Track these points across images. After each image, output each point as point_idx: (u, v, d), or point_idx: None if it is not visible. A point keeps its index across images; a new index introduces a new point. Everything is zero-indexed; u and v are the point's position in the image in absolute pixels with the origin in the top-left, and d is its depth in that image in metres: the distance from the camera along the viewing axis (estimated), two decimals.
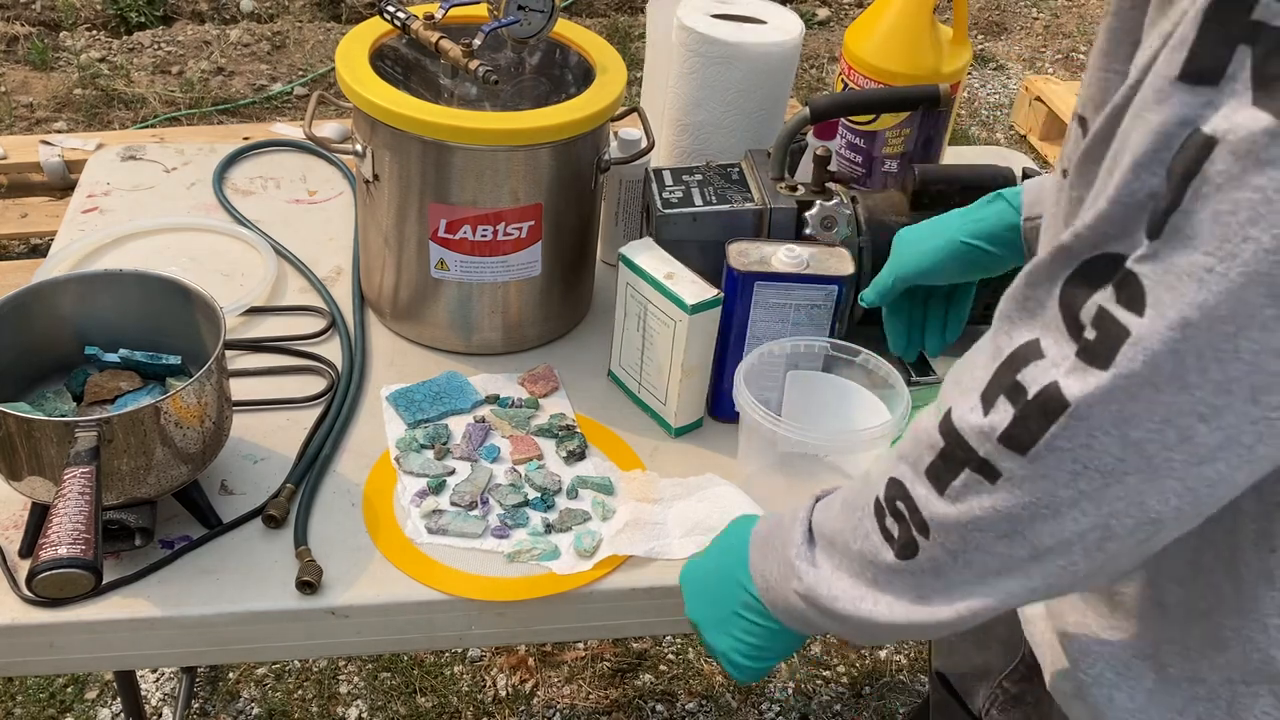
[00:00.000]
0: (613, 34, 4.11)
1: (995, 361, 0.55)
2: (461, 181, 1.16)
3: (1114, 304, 0.48)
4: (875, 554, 0.64)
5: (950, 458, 0.57)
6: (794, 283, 1.11)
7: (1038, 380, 0.52)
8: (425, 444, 1.14)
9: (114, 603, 0.96)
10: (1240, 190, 0.43)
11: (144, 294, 1.08)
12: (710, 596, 0.84)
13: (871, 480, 0.65)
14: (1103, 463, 0.51)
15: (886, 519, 0.62)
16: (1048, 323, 0.52)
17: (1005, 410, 0.54)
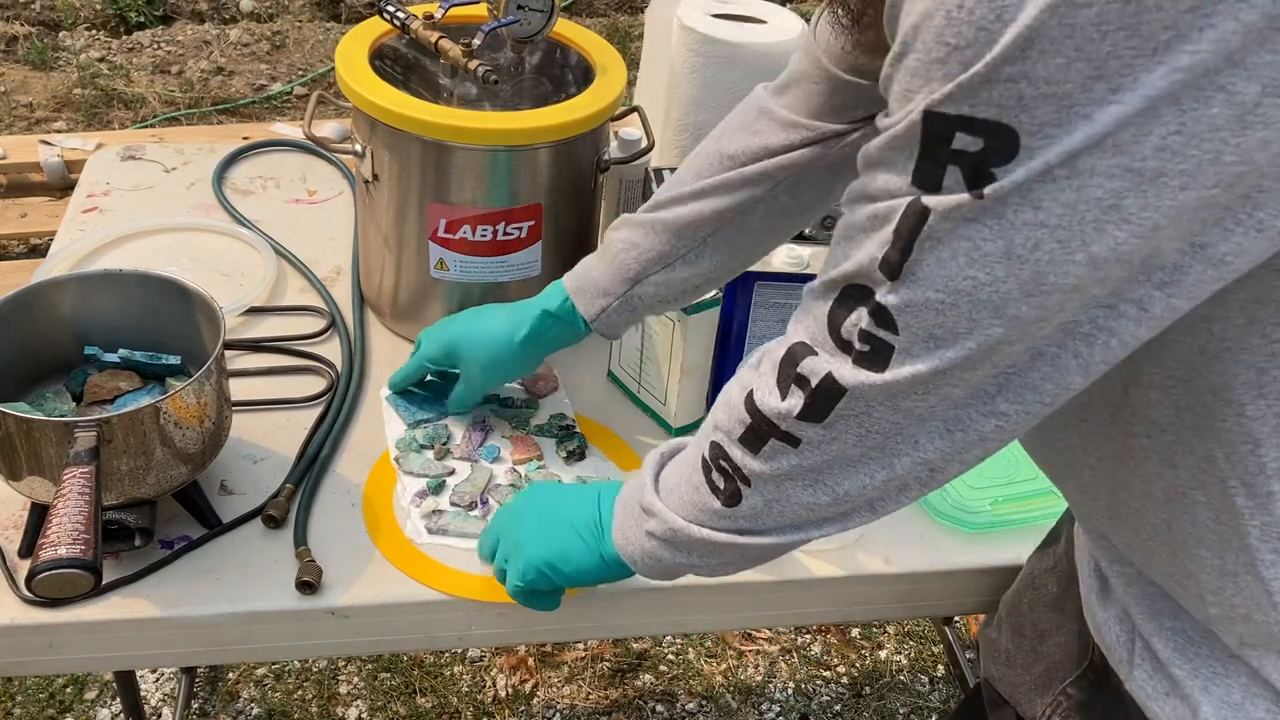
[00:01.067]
0: (613, 34, 4.11)
1: (779, 353, 0.69)
2: (461, 181, 1.16)
3: (875, 326, 0.61)
4: (705, 502, 0.76)
5: (758, 431, 0.70)
6: (794, 283, 1.11)
7: (817, 371, 0.65)
8: (425, 444, 1.14)
9: (114, 603, 0.96)
10: (955, 242, 0.56)
11: (144, 294, 1.08)
12: (535, 524, 0.92)
13: (699, 441, 0.78)
14: (881, 426, 0.65)
15: (712, 473, 0.75)
16: (815, 334, 0.66)
17: (798, 395, 0.67)
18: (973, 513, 1.09)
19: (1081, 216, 0.52)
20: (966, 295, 0.57)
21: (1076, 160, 0.51)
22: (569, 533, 0.90)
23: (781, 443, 0.69)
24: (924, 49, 0.54)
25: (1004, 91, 0.51)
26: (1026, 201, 0.53)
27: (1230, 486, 0.64)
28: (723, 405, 0.74)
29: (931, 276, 0.58)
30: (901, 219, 0.58)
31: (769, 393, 0.69)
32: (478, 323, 1.13)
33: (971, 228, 0.55)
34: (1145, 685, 0.75)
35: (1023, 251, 0.54)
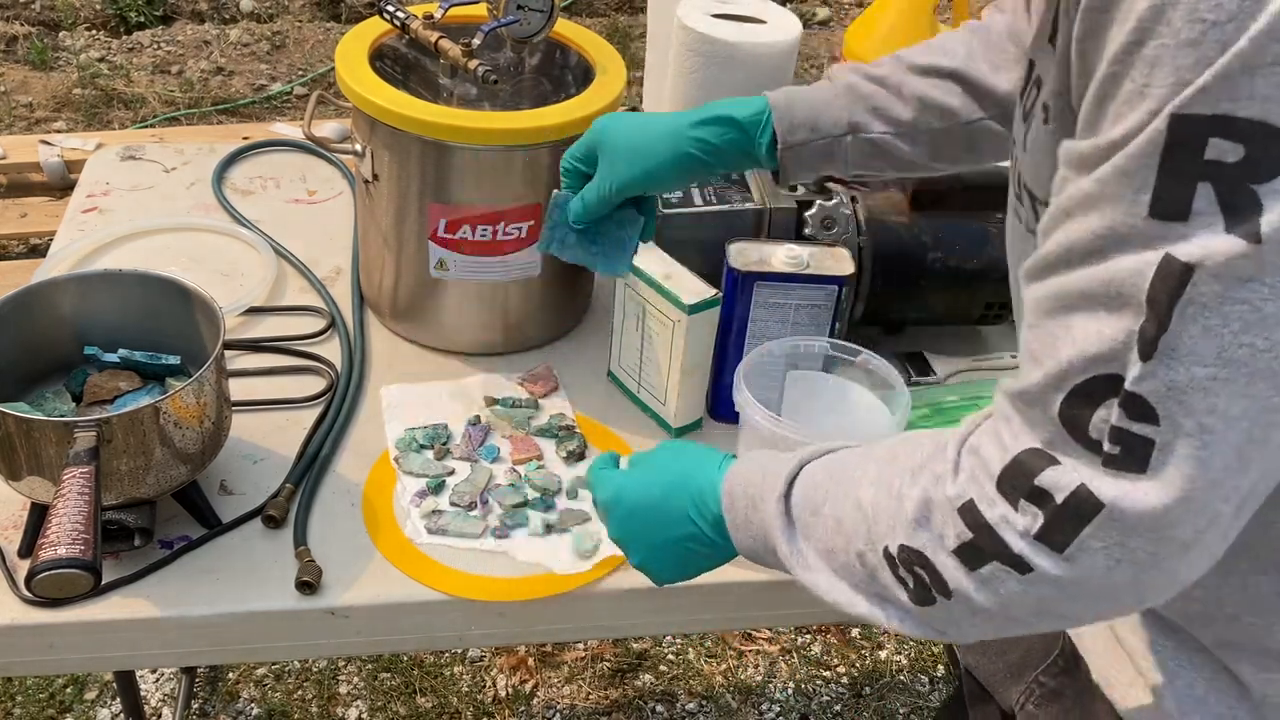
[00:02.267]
0: (613, 34, 4.11)
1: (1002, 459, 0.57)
2: (461, 181, 1.16)
3: (1127, 421, 0.51)
4: (886, 590, 0.65)
5: (979, 548, 0.59)
6: (794, 283, 1.11)
7: (1061, 485, 0.54)
8: (425, 444, 1.13)
9: (113, 603, 0.96)
10: (1228, 305, 0.46)
11: (144, 294, 1.08)
12: (648, 526, 0.85)
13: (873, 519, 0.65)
14: (1136, 557, 0.54)
15: (900, 570, 0.63)
16: (1052, 437, 0.55)
17: (1033, 513, 0.56)
18: None
19: None
20: (1244, 366, 0.48)
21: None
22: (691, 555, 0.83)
23: (1006, 567, 0.58)
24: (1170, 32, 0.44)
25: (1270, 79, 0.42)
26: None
27: None
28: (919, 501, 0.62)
29: (1198, 350, 0.48)
30: (1154, 284, 0.48)
31: (992, 504, 0.58)
32: (633, 119, 1.00)
33: (1249, 287, 0.46)
34: (1110, 674, 0.75)
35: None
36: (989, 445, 0.59)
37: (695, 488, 0.81)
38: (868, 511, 0.66)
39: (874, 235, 1.24)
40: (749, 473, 0.78)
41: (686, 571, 0.85)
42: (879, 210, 1.27)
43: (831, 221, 1.21)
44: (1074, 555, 0.55)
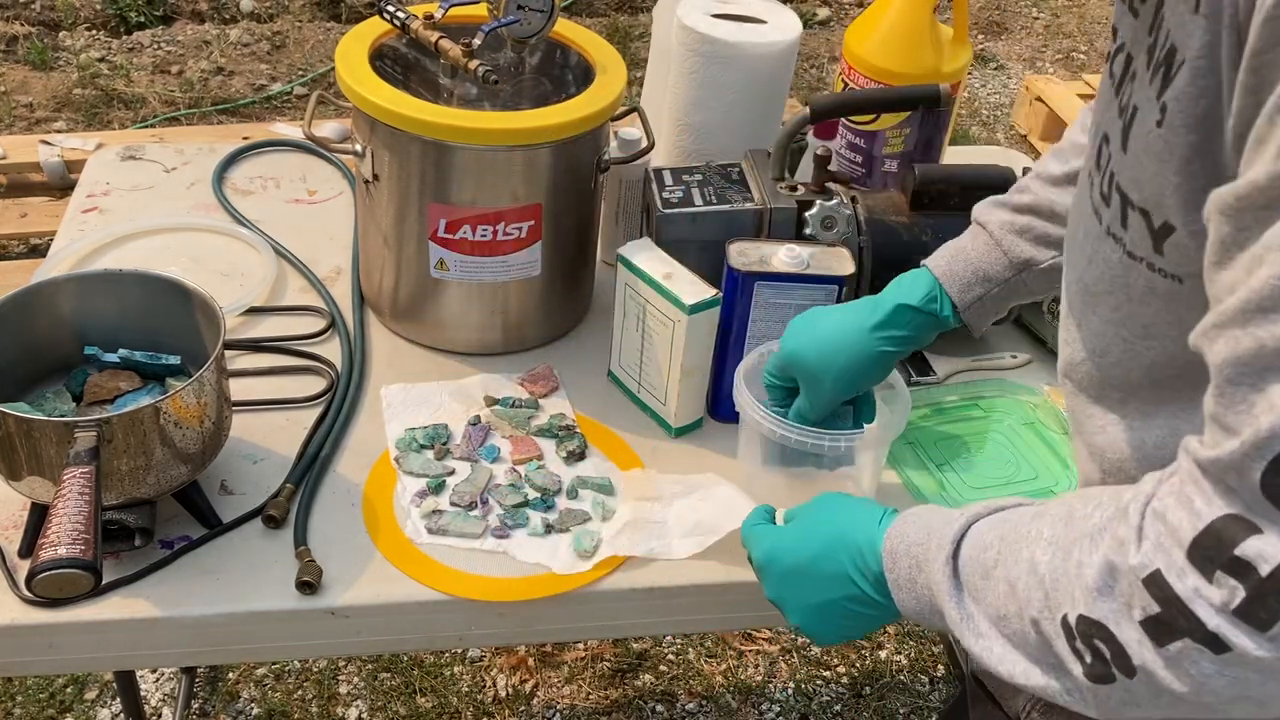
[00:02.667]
0: (613, 34, 4.11)
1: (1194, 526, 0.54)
2: (461, 181, 1.16)
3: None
4: (1060, 662, 0.62)
5: (1169, 622, 0.55)
6: (794, 283, 1.11)
7: (1268, 556, 0.50)
8: (425, 444, 1.13)
9: (114, 603, 0.96)
10: None
11: (144, 294, 1.08)
12: (807, 587, 0.83)
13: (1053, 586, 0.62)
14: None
15: (1077, 642, 0.60)
16: (1252, 505, 0.51)
17: (1232, 586, 0.52)
18: None
19: None
20: None
21: None
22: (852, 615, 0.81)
23: (1199, 645, 0.54)
24: None
25: None
26: None
27: None
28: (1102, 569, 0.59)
29: None
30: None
31: (1182, 575, 0.54)
32: (815, 329, 1.01)
33: None
34: None
35: None
36: (1177, 510, 0.55)
37: (854, 546, 0.79)
38: (1043, 577, 0.62)
39: (874, 235, 1.24)
40: (913, 531, 0.75)
41: (848, 632, 0.83)
42: (879, 210, 1.27)
43: (831, 221, 1.21)
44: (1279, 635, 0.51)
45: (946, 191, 1.26)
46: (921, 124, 1.41)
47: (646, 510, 1.07)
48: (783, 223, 1.22)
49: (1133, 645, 0.56)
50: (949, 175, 1.27)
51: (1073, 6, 4.85)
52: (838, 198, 1.22)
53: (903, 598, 0.76)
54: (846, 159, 1.46)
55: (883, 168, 1.45)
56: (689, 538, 1.04)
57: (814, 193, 1.24)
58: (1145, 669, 0.56)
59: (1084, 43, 4.57)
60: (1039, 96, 3.70)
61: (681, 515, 1.07)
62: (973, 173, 1.27)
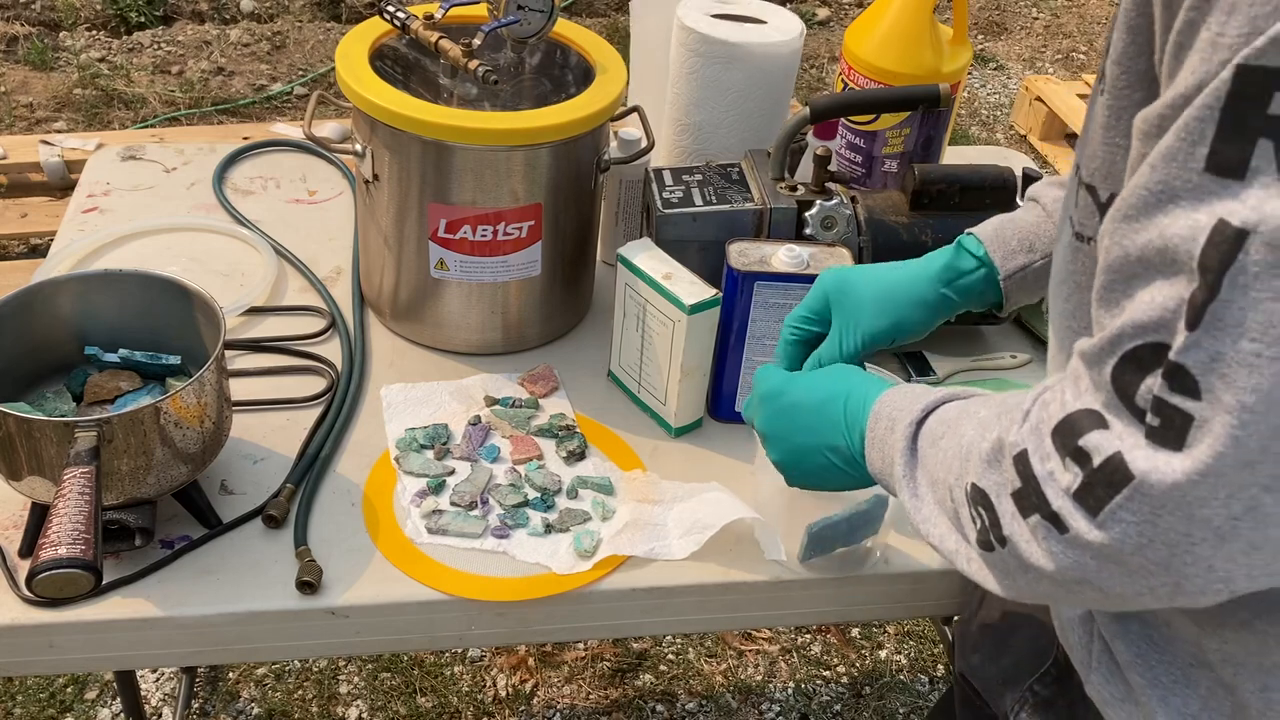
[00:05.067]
0: (613, 34, 4.11)
1: (1061, 414, 0.57)
2: (461, 181, 1.16)
3: (1169, 393, 0.49)
4: (962, 527, 0.66)
5: (1026, 497, 0.59)
6: (794, 283, 1.11)
7: (1101, 449, 0.53)
8: (425, 444, 1.13)
9: (114, 603, 0.96)
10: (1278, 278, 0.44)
11: (144, 294, 1.08)
12: (798, 423, 0.84)
13: (966, 456, 0.65)
14: (1169, 537, 0.52)
15: (972, 509, 0.64)
16: (1107, 401, 0.54)
17: (1073, 471, 0.55)
18: None
19: None
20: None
21: None
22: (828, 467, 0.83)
23: (1048, 523, 0.57)
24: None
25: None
26: None
27: None
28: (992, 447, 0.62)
29: (1246, 322, 0.46)
30: (1206, 249, 0.46)
31: (1045, 458, 0.58)
32: (862, 271, 0.96)
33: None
34: (1102, 689, 0.75)
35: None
36: (1055, 399, 0.58)
37: (854, 401, 0.80)
38: (964, 448, 0.66)
39: (874, 235, 1.24)
40: (900, 397, 0.77)
41: (816, 481, 0.85)
42: (879, 210, 1.27)
43: (831, 221, 1.21)
44: (1105, 522, 0.54)
45: (946, 191, 1.26)
46: (921, 124, 1.41)
47: (646, 511, 1.08)
48: (783, 223, 1.22)
49: (1005, 516, 0.60)
50: (949, 175, 1.27)
51: (1072, 6, 4.85)
52: (838, 198, 1.22)
53: (871, 455, 0.78)
54: (846, 159, 1.46)
55: (883, 168, 1.45)
56: (688, 537, 1.05)
57: (814, 193, 1.24)
58: (1011, 540, 0.60)
59: (1084, 43, 4.57)
60: (1038, 96, 3.70)
61: (681, 516, 1.07)
62: (972, 173, 1.27)
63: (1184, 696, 0.69)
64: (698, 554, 1.04)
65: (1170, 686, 0.70)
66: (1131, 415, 0.52)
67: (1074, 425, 0.55)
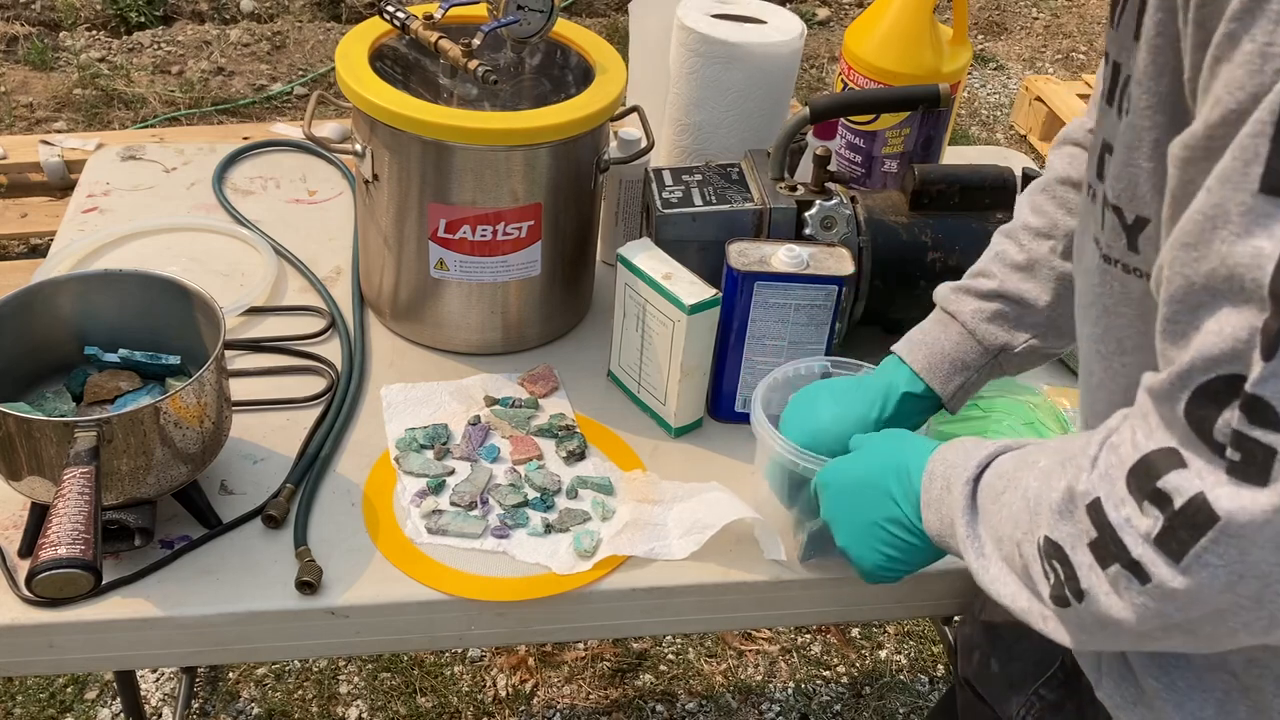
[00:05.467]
0: (613, 34, 4.10)
1: (1134, 456, 0.55)
2: (461, 181, 1.16)
3: (1248, 426, 0.48)
4: (1034, 583, 0.64)
5: (1104, 547, 0.57)
6: (794, 282, 1.11)
7: (1182, 490, 0.52)
8: (425, 444, 1.13)
9: (114, 603, 0.96)
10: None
11: (144, 294, 1.08)
12: (853, 504, 0.85)
13: (1035, 510, 0.64)
14: (1260, 570, 0.51)
15: (1045, 563, 0.62)
16: (1183, 438, 0.52)
17: (1155, 517, 0.53)
18: None
19: None
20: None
21: None
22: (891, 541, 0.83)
23: (1128, 572, 0.56)
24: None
25: None
26: None
27: None
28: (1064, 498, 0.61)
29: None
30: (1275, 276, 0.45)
31: (1120, 504, 0.56)
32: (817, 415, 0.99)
33: None
34: (1113, 694, 0.74)
35: None
36: (1125, 441, 0.56)
37: (903, 468, 0.80)
38: (1029, 500, 0.64)
39: (874, 235, 1.24)
40: (953, 454, 0.76)
41: (884, 561, 0.84)
42: (879, 210, 1.27)
43: (831, 221, 1.21)
44: (1191, 567, 0.52)
45: (946, 191, 1.26)
46: (921, 124, 1.41)
47: (646, 511, 1.08)
48: (782, 223, 1.22)
49: (1083, 568, 0.58)
50: (948, 175, 1.27)
51: (1072, 6, 4.85)
52: (837, 198, 1.22)
53: (929, 516, 0.77)
54: (846, 159, 1.46)
55: (882, 168, 1.45)
56: (688, 537, 1.04)
57: (814, 193, 1.24)
58: (1090, 593, 0.58)
59: (1083, 43, 4.57)
60: (1038, 96, 3.70)
61: (681, 516, 1.07)
62: (972, 173, 1.27)
63: (1199, 701, 0.69)
64: (698, 554, 1.04)
65: (1186, 691, 0.69)
66: (1211, 452, 0.51)
67: (1150, 467, 0.54)
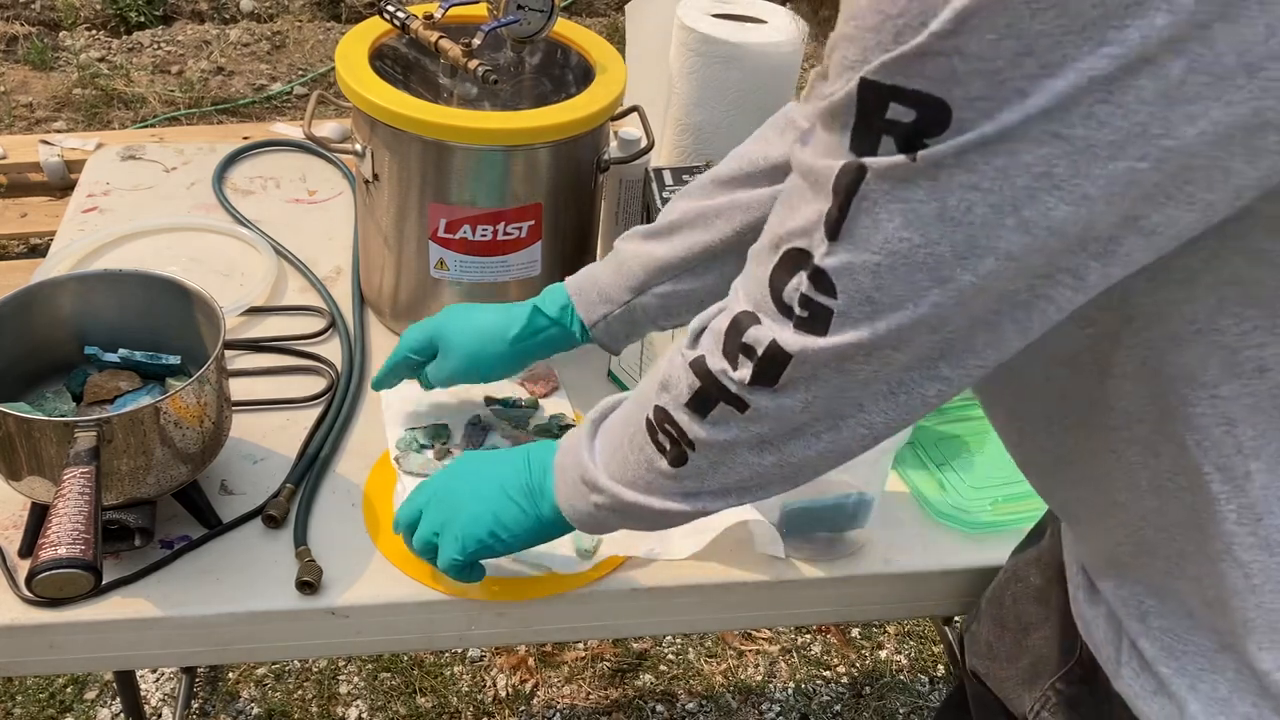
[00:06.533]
0: (613, 34, 4.11)
1: (724, 322, 0.68)
2: (461, 181, 1.16)
3: (814, 291, 0.61)
4: (651, 463, 0.76)
5: (707, 394, 0.70)
6: None
7: (761, 340, 0.65)
8: (425, 444, 1.13)
9: (114, 603, 0.96)
10: (891, 204, 0.56)
11: (144, 294, 1.08)
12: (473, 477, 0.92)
13: (641, 402, 0.77)
14: (827, 390, 0.65)
15: (658, 435, 0.75)
16: (758, 300, 0.65)
17: (746, 365, 0.67)
18: (972, 513, 1.09)
19: (1013, 182, 0.53)
20: (903, 258, 0.57)
21: (1010, 129, 0.52)
22: (503, 499, 0.89)
23: (730, 407, 0.69)
24: (860, 18, 0.55)
25: (937, 66, 0.52)
26: (961, 165, 0.54)
27: (1205, 472, 0.64)
28: (664, 370, 0.74)
29: (868, 238, 0.58)
30: (838, 177, 0.58)
31: (719, 359, 0.69)
32: (469, 315, 1.11)
33: (907, 189, 0.56)
34: (1133, 684, 0.75)
35: (956, 214, 0.55)
36: (721, 315, 0.69)
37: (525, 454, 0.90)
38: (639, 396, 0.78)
39: None
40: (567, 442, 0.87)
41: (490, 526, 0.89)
42: None
43: None
44: (781, 389, 0.66)
45: None
46: None
47: None
48: None
49: (686, 423, 0.72)
50: None
51: None
52: None
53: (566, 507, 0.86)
54: None
55: None
56: (688, 537, 1.04)
57: None
58: (699, 441, 0.72)
59: None
60: None
61: None
62: None
63: (1212, 682, 0.70)
64: (698, 554, 1.04)
65: (1198, 674, 0.71)
66: (778, 310, 0.64)
67: (738, 325, 0.67)
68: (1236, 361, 0.61)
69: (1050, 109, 0.51)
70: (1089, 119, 0.51)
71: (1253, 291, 0.59)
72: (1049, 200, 0.54)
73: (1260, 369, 0.61)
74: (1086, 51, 0.49)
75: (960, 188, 0.54)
